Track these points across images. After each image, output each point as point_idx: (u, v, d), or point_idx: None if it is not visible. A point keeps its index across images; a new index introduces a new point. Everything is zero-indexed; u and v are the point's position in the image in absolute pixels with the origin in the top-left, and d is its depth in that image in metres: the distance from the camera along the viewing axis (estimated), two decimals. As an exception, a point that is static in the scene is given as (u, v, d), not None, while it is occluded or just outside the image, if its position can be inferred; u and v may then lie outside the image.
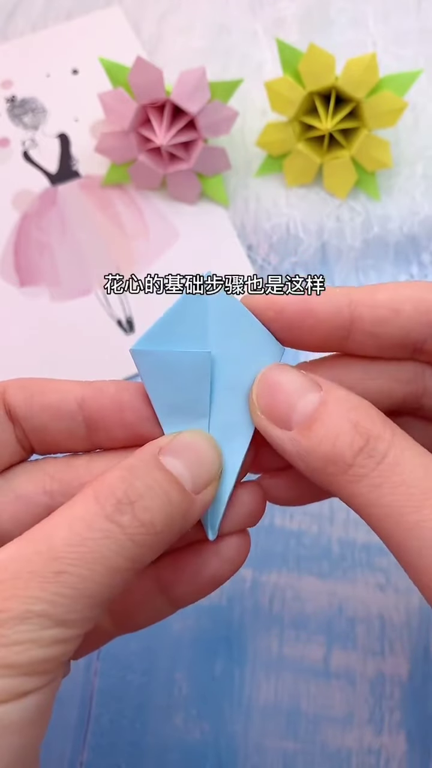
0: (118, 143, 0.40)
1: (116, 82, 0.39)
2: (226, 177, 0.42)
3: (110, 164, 0.41)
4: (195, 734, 0.33)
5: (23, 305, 0.40)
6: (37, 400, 0.21)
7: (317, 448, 0.18)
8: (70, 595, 0.16)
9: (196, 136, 0.39)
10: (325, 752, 0.32)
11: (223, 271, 0.41)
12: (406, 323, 0.20)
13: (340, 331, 0.20)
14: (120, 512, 0.17)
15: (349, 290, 0.20)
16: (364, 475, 0.18)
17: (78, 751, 0.32)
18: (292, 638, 0.34)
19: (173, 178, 0.40)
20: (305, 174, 0.42)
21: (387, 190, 0.42)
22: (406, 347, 0.21)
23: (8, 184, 0.43)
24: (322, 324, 0.20)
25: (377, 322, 0.20)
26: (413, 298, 0.20)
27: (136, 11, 0.47)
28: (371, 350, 0.21)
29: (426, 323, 0.20)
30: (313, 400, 0.19)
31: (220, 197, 0.41)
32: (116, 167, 0.41)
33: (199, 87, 0.37)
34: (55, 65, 0.45)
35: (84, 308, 0.40)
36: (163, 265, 0.41)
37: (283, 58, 0.38)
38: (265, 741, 0.32)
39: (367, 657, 0.33)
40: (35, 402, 0.21)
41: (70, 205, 0.42)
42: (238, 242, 0.41)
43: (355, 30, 0.46)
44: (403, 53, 0.45)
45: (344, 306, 0.20)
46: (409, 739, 0.32)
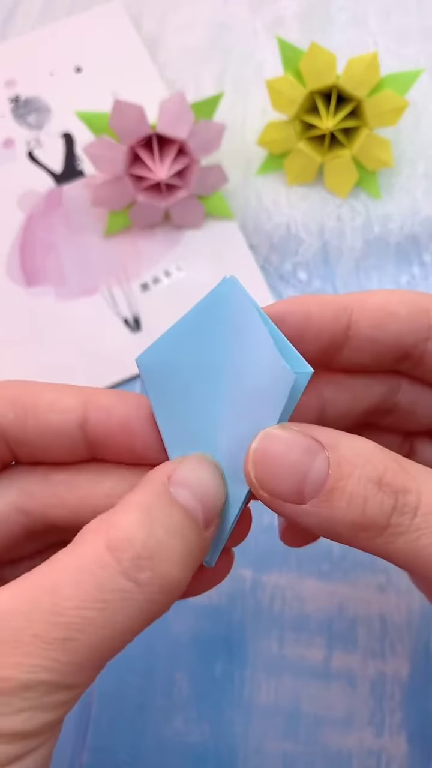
0: (113, 191, 0.39)
1: (97, 130, 0.38)
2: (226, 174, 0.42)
3: (108, 213, 0.40)
4: (195, 735, 0.32)
5: (30, 305, 0.40)
6: (33, 421, 0.19)
7: (344, 517, 0.16)
8: (77, 661, 0.15)
9: (189, 160, 0.38)
10: (326, 754, 0.32)
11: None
12: (401, 326, 0.20)
13: (338, 339, 0.20)
14: (139, 568, 0.15)
15: (341, 297, 0.20)
16: (401, 533, 0.16)
17: (78, 753, 0.32)
18: (292, 639, 0.34)
19: (175, 208, 0.40)
20: (306, 173, 0.42)
21: (388, 190, 0.42)
22: (397, 353, 0.21)
23: (13, 185, 0.42)
24: (324, 333, 0.20)
25: (375, 325, 0.20)
26: (405, 300, 0.20)
27: (136, 11, 0.47)
28: (367, 358, 0.21)
29: (418, 325, 0.20)
30: (322, 467, 0.16)
31: (223, 212, 0.41)
32: (115, 214, 0.40)
33: (181, 112, 0.36)
34: (58, 64, 0.45)
35: (90, 307, 0.40)
36: (169, 263, 0.41)
37: (284, 56, 0.38)
38: (266, 742, 0.32)
39: (367, 658, 0.33)
40: (30, 423, 0.19)
41: (75, 204, 0.42)
42: (250, 254, 0.41)
43: (355, 29, 0.46)
44: (405, 52, 0.45)
45: (341, 311, 0.20)
46: (410, 741, 0.32)
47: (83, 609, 0.15)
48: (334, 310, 0.20)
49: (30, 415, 0.19)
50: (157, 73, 0.45)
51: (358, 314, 0.20)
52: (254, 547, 0.35)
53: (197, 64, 0.45)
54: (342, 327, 0.20)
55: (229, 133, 0.43)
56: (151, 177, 0.38)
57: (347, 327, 0.20)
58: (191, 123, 0.37)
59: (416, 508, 0.16)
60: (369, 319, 0.20)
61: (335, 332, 0.20)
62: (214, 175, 0.40)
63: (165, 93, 0.44)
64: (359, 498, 0.16)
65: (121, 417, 0.19)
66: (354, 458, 0.16)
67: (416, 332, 0.20)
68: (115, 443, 0.19)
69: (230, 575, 0.34)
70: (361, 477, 0.16)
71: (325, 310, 0.20)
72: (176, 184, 0.39)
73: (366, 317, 0.20)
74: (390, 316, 0.20)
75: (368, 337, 0.20)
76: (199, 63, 0.45)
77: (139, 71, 0.45)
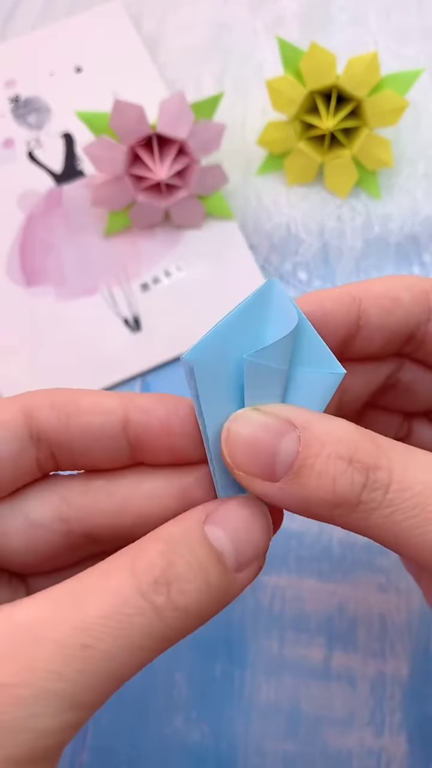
0: (113, 191, 0.39)
1: (97, 130, 0.38)
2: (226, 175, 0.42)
3: (108, 213, 0.40)
4: (195, 736, 0.32)
5: (30, 305, 0.40)
6: (75, 423, 0.19)
7: (314, 494, 0.17)
8: (92, 673, 0.15)
9: (189, 160, 0.38)
10: (326, 754, 0.32)
11: (233, 279, 0.41)
12: (406, 310, 0.21)
13: (352, 331, 0.21)
14: (156, 592, 0.16)
15: (348, 288, 0.21)
16: (373, 509, 0.16)
17: (78, 753, 0.32)
18: (292, 639, 0.34)
19: (175, 208, 0.40)
20: (306, 173, 0.42)
21: (388, 190, 0.42)
22: (403, 337, 0.22)
23: (13, 185, 0.42)
24: (340, 328, 0.20)
25: (383, 313, 0.20)
26: (407, 285, 0.21)
27: (136, 10, 0.47)
28: (377, 345, 0.21)
29: (421, 308, 0.21)
30: (292, 446, 0.17)
31: (224, 212, 0.41)
32: (115, 214, 0.40)
33: (181, 112, 0.36)
34: (58, 64, 0.45)
35: (90, 307, 0.40)
36: (169, 263, 0.41)
37: (284, 56, 0.38)
38: (266, 742, 0.32)
39: (367, 658, 0.33)
40: (72, 425, 0.19)
41: (75, 204, 0.42)
42: (250, 254, 0.41)
43: (355, 28, 0.46)
44: (405, 52, 0.45)
45: (351, 304, 0.20)
46: (410, 741, 0.32)
47: (106, 618, 0.15)
48: (346, 303, 0.20)
49: (72, 418, 0.19)
50: (157, 73, 0.45)
51: (366, 304, 0.20)
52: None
53: (197, 64, 0.45)
54: (354, 318, 0.20)
55: (229, 133, 0.43)
56: (151, 177, 0.38)
57: (358, 318, 0.20)
58: (191, 123, 0.37)
59: (388, 485, 0.16)
60: (377, 307, 0.20)
61: (350, 325, 0.20)
62: (214, 175, 0.40)
63: (165, 93, 0.44)
64: (328, 475, 0.16)
65: (161, 417, 0.19)
66: (325, 437, 0.17)
67: (418, 315, 0.21)
68: (155, 444, 0.19)
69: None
70: (330, 455, 0.16)
71: (339, 305, 0.20)
72: (176, 184, 0.39)
73: (374, 306, 0.20)
74: (395, 301, 0.20)
75: (378, 325, 0.21)
76: (199, 63, 0.45)
77: (139, 71, 0.45)
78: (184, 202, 0.40)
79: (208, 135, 0.38)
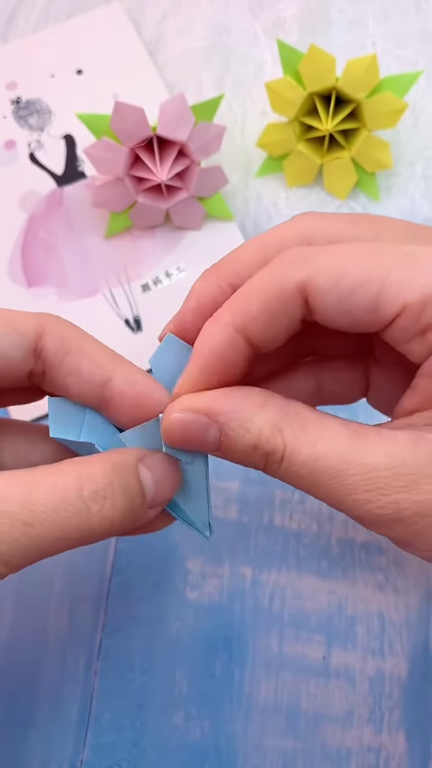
0: (113, 192, 0.39)
1: (98, 132, 0.38)
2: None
3: (109, 214, 0.41)
4: (195, 733, 0.33)
5: (31, 306, 0.40)
6: (68, 361, 0.23)
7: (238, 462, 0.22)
8: (25, 545, 0.20)
9: (189, 162, 0.38)
10: (325, 751, 0.32)
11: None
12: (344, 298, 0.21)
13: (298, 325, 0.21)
14: (94, 501, 0.20)
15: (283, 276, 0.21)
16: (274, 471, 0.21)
17: (78, 750, 0.33)
18: (291, 637, 0.34)
19: (175, 209, 0.40)
20: (305, 174, 0.42)
21: (387, 191, 0.42)
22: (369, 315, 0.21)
23: (15, 186, 0.43)
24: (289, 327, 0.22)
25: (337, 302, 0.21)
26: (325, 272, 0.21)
27: (137, 13, 0.47)
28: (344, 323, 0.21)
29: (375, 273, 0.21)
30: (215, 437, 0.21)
31: (223, 213, 0.41)
32: (116, 215, 0.41)
33: (182, 114, 0.37)
34: (59, 66, 0.45)
35: (91, 308, 0.40)
36: (170, 264, 0.41)
37: (284, 58, 0.38)
38: (265, 740, 0.32)
39: (366, 656, 0.33)
40: (65, 361, 0.23)
41: (76, 205, 0.42)
42: None
43: (354, 31, 0.46)
44: (403, 54, 0.45)
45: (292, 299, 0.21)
46: (409, 738, 0.32)
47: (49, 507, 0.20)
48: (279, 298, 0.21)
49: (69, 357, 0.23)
50: (157, 75, 0.45)
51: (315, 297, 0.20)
52: (254, 546, 0.35)
53: (197, 66, 0.45)
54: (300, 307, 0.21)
55: (229, 135, 0.43)
56: (152, 178, 0.38)
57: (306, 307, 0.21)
58: (191, 125, 0.37)
59: (280, 462, 0.21)
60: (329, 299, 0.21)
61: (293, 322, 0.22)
62: (214, 177, 0.40)
63: (165, 95, 0.44)
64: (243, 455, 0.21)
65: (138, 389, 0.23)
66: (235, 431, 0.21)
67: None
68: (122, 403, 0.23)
69: (230, 574, 0.35)
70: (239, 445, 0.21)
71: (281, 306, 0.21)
72: (176, 186, 0.39)
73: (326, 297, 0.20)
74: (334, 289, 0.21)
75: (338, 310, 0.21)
76: (200, 65, 0.45)
77: (139, 73, 0.45)
78: (184, 204, 0.40)
79: (208, 137, 0.38)
